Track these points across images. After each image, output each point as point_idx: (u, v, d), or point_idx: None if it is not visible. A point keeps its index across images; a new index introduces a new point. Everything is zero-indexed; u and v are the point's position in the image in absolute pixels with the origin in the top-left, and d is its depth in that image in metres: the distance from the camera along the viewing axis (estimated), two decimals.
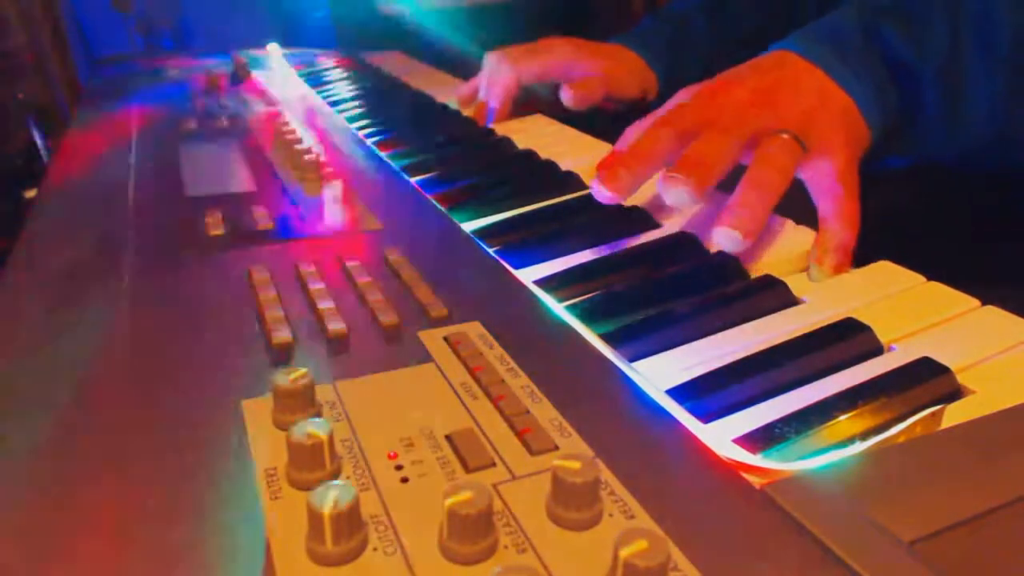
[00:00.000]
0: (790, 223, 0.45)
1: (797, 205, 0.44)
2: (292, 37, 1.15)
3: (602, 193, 0.44)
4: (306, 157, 0.52)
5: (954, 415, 0.28)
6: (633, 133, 0.48)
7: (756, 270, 0.41)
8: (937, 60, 0.46)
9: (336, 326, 0.32)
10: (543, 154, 0.60)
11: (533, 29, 0.77)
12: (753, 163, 0.43)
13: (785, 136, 0.43)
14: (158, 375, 0.29)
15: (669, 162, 0.43)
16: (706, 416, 0.29)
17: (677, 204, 0.42)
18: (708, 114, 0.45)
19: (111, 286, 0.36)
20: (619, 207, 0.49)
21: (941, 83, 0.46)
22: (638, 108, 0.75)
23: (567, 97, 0.70)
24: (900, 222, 0.49)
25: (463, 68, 0.80)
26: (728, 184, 0.44)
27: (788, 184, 0.43)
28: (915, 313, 0.36)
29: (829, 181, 0.43)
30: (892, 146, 0.48)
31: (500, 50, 0.75)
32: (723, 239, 0.40)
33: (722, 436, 0.28)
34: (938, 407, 0.29)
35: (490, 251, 0.42)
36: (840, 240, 0.41)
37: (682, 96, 0.49)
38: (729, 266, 0.41)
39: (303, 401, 0.26)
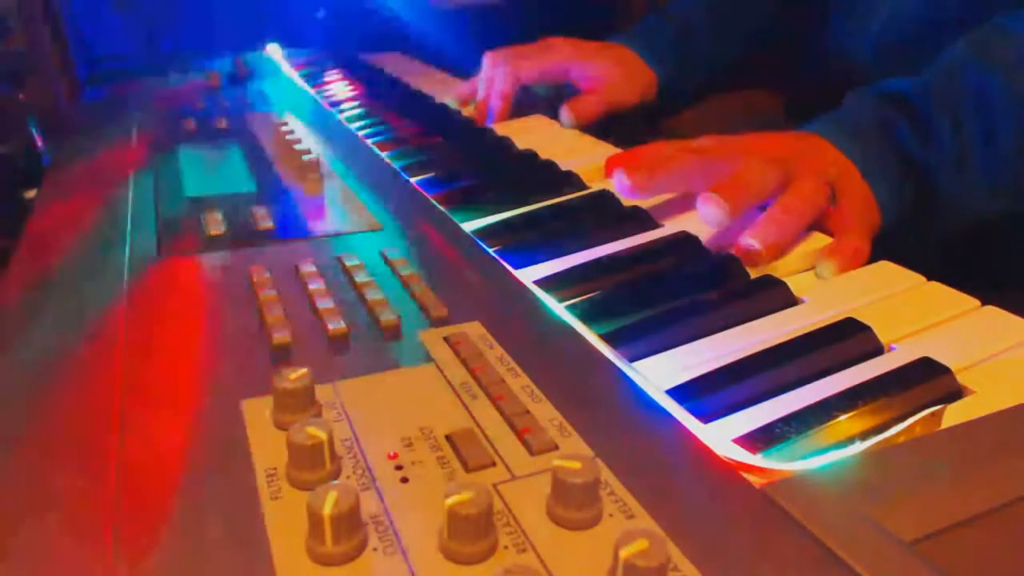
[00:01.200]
0: None
1: None
2: (292, 37, 1.15)
3: (623, 183, 0.45)
4: (306, 157, 0.52)
5: (954, 415, 0.28)
6: (649, 152, 0.49)
7: (757, 270, 0.41)
8: (947, 154, 0.47)
9: (336, 326, 0.32)
10: (543, 154, 0.60)
11: (534, 29, 0.77)
12: (787, 191, 0.44)
13: (820, 177, 0.45)
14: (158, 375, 0.29)
15: (686, 188, 0.45)
16: (706, 416, 0.29)
17: (709, 222, 0.43)
18: (739, 154, 0.46)
19: (111, 286, 0.36)
20: (619, 207, 0.49)
21: (953, 175, 0.48)
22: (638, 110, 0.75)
23: (566, 118, 0.70)
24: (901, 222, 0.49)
25: (463, 68, 0.80)
26: None
27: (813, 218, 0.44)
28: (915, 313, 0.36)
29: (846, 223, 0.45)
30: (907, 231, 0.49)
31: (499, 50, 0.75)
32: (747, 245, 0.41)
33: (722, 436, 0.28)
34: (938, 407, 0.29)
35: (490, 251, 0.42)
36: (855, 246, 0.42)
37: (707, 139, 0.50)
38: (729, 266, 0.41)
39: (303, 401, 0.26)
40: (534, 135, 0.67)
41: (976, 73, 0.48)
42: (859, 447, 0.28)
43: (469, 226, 0.47)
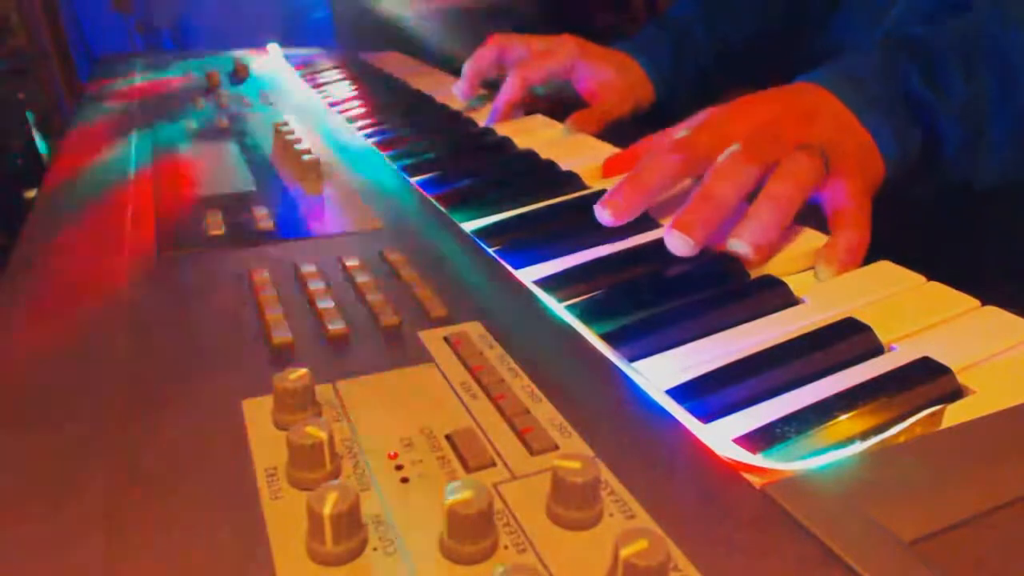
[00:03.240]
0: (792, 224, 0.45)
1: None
2: (292, 37, 1.15)
3: (602, 215, 0.45)
4: (306, 157, 0.52)
5: (954, 415, 0.28)
6: (646, 150, 0.48)
7: (757, 270, 0.41)
8: (956, 99, 0.46)
9: (336, 326, 0.32)
10: (543, 154, 0.60)
11: (533, 30, 0.77)
12: (775, 176, 0.42)
13: (810, 150, 0.43)
14: (158, 375, 0.29)
15: (672, 188, 0.44)
16: (706, 416, 0.29)
17: (678, 252, 0.41)
18: (724, 141, 0.44)
19: (111, 286, 0.36)
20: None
21: (962, 122, 0.46)
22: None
23: (568, 127, 0.70)
24: (901, 222, 0.49)
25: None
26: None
27: (805, 200, 0.42)
28: (915, 313, 0.36)
29: (843, 197, 0.43)
30: (913, 181, 0.48)
31: (508, 40, 0.75)
32: (736, 250, 0.40)
33: (722, 436, 0.28)
34: (938, 407, 0.29)
35: (490, 251, 0.42)
36: (852, 243, 0.41)
37: (700, 117, 0.49)
38: (729, 266, 0.41)
39: (303, 401, 0.26)
40: (534, 135, 0.67)
41: (997, 26, 0.46)
42: (859, 447, 0.28)
43: (469, 226, 0.47)
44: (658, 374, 0.32)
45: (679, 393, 0.31)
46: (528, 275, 0.40)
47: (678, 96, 0.77)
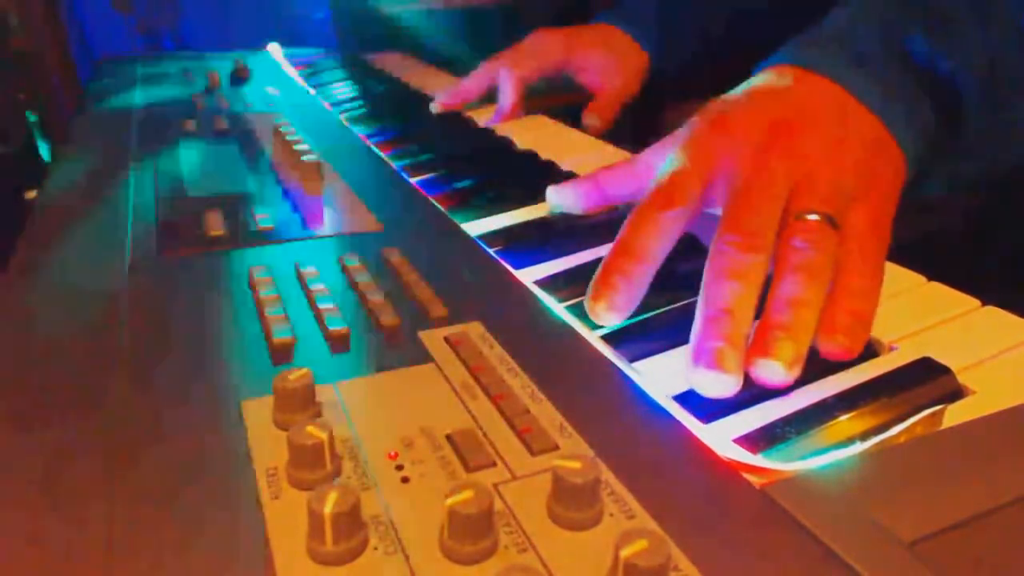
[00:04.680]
0: None
1: None
2: (292, 37, 1.15)
3: (601, 316, 0.34)
4: (306, 157, 0.52)
5: (954, 415, 0.28)
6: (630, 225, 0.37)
7: None
8: (977, 63, 0.39)
9: (336, 326, 0.32)
10: (543, 154, 0.60)
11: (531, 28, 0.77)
12: (785, 273, 0.33)
13: (813, 220, 0.34)
14: (158, 375, 0.29)
15: (667, 252, 0.36)
16: (707, 416, 0.29)
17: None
18: (711, 175, 0.37)
19: (111, 286, 0.36)
20: (617, 208, 0.49)
21: (985, 92, 0.39)
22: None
23: (591, 124, 0.70)
24: (900, 222, 0.49)
25: (462, 68, 0.80)
26: None
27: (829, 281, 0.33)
28: (915, 313, 0.36)
29: (854, 257, 0.35)
30: (929, 172, 0.41)
31: (496, 57, 0.75)
32: (765, 373, 0.30)
33: (722, 436, 0.28)
34: (938, 407, 0.29)
35: (490, 251, 0.42)
36: (857, 309, 0.33)
37: (673, 150, 0.39)
38: None
39: (303, 401, 0.26)
40: (534, 135, 0.67)
41: None
42: (859, 447, 0.28)
43: (469, 226, 0.47)
44: (658, 374, 0.32)
45: (680, 393, 0.31)
46: (528, 275, 0.40)
47: (672, 62, 0.75)
